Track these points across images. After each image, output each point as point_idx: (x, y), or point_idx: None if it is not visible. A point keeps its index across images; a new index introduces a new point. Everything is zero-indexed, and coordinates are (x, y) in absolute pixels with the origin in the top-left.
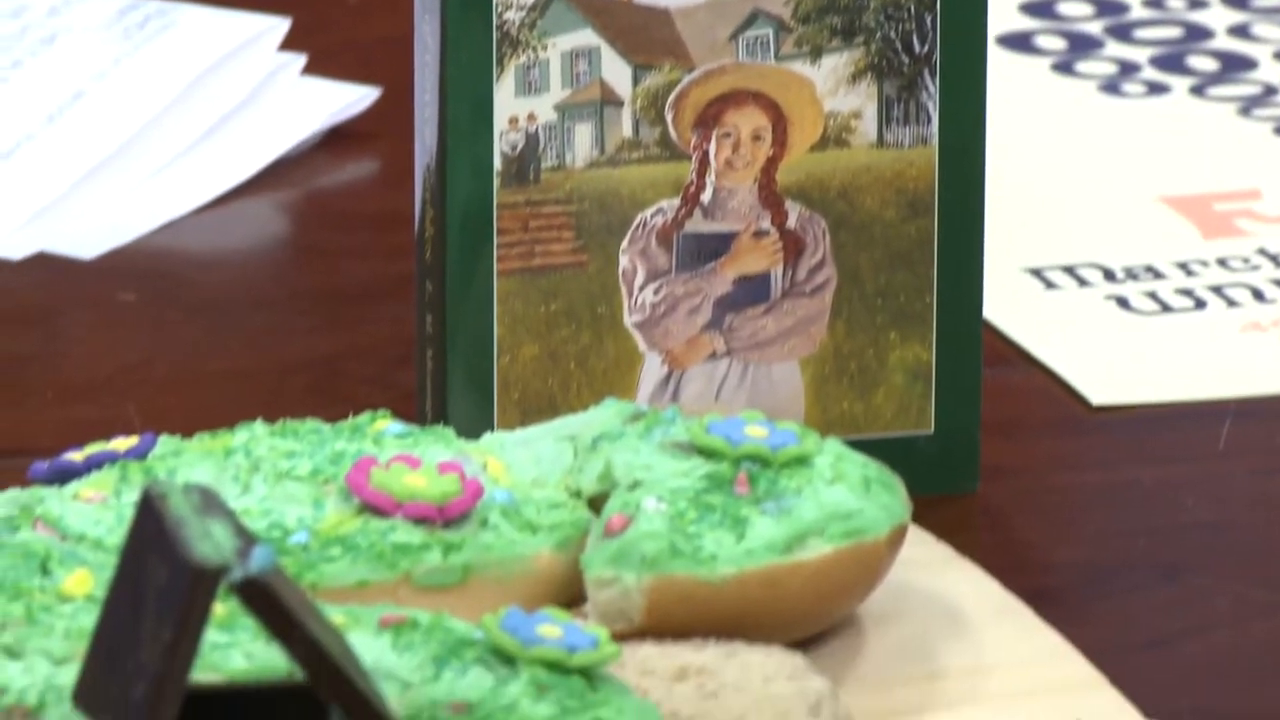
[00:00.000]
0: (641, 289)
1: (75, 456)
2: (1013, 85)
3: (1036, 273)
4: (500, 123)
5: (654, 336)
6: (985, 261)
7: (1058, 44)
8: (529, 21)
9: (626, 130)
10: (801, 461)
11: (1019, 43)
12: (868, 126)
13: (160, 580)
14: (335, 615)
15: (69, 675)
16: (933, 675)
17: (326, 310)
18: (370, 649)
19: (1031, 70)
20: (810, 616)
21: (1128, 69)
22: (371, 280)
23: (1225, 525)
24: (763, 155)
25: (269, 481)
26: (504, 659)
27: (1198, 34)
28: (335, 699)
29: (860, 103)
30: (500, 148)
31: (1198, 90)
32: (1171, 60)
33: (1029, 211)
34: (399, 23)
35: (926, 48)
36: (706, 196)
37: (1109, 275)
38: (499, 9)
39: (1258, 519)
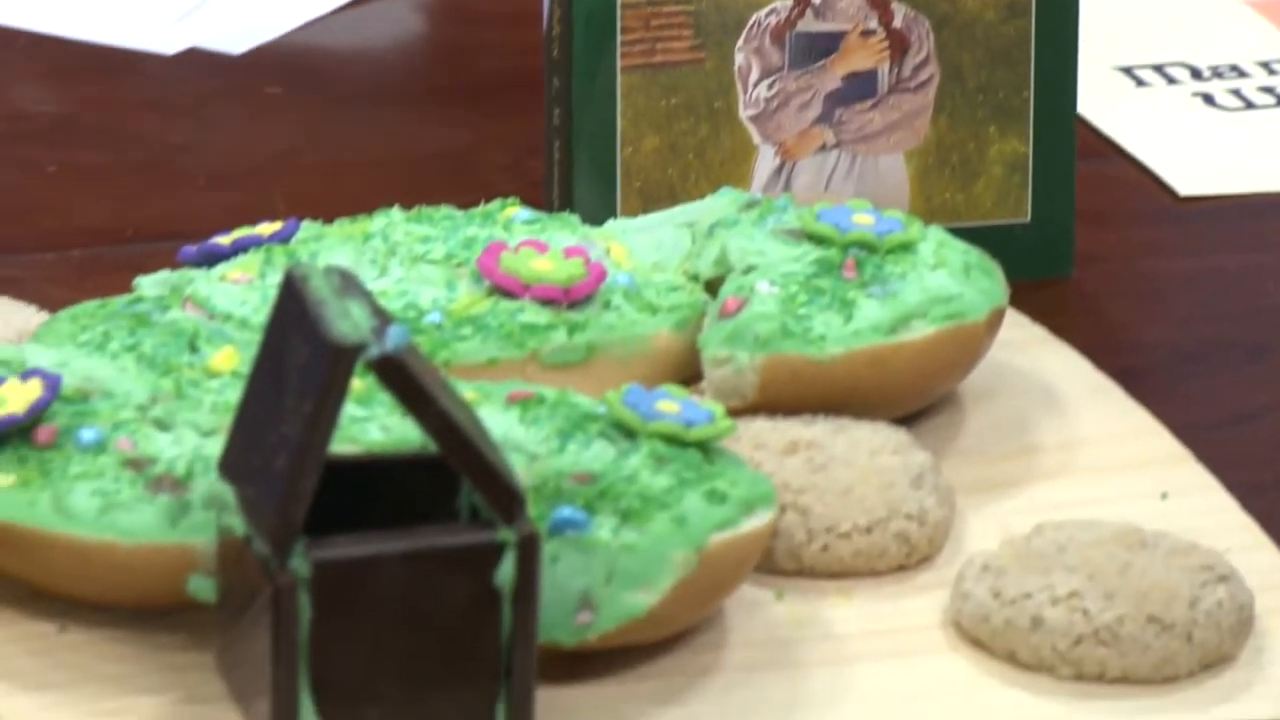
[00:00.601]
0: (756, 85)
1: (223, 240)
2: None
3: (1127, 71)
4: None
5: (768, 129)
6: (1079, 60)
7: None
8: None
9: None
10: (906, 248)
11: None
12: None
13: (301, 357)
14: (466, 391)
15: (215, 447)
16: (1028, 450)
17: (461, 104)
18: (499, 423)
19: None
20: (913, 394)
21: None
22: (503, 75)
23: None
24: None
25: (405, 265)
26: (625, 433)
27: None
28: (466, 470)
29: None
30: None
31: None
32: None
33: (1120, 13)
34: None
35: None
36: None
37: (1195, 73)
38: None
39: None
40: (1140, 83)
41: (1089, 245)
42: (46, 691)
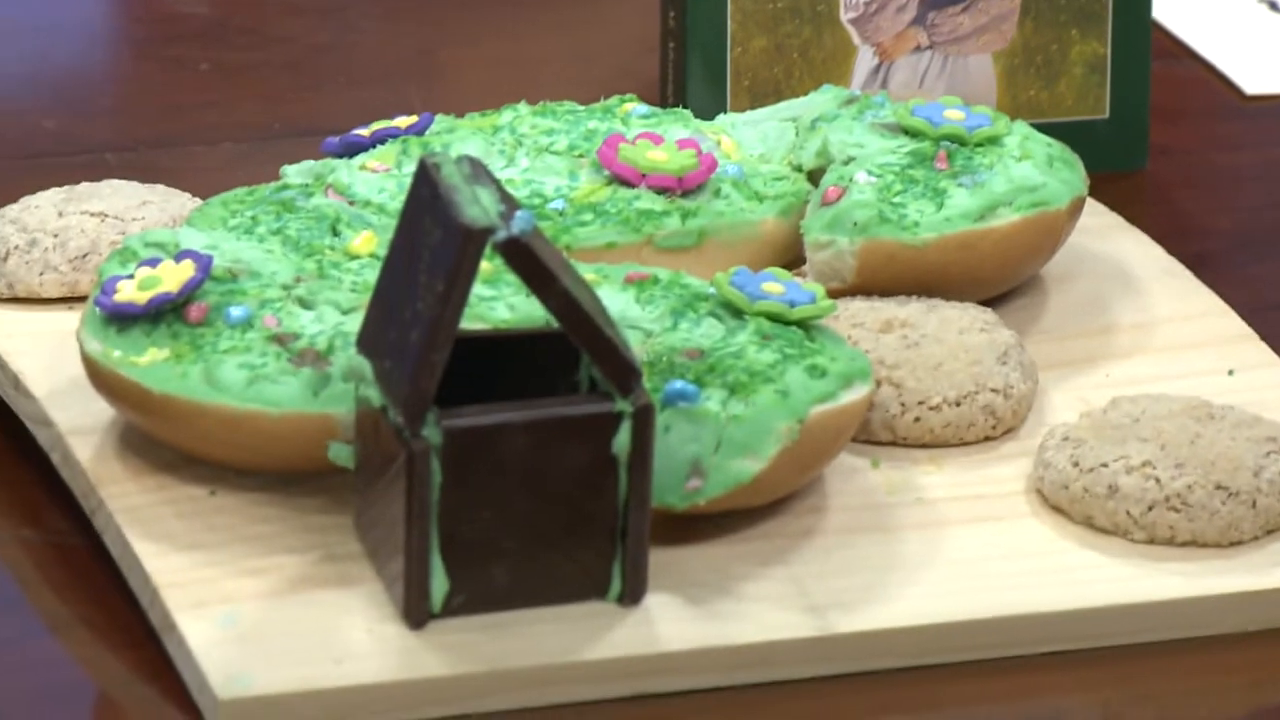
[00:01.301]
0: None
1: (362, 132)
2: None
3: None
4: None
5: (866, 31)
6: None
7: None
8: None
9: None
10: (993, 141)
11: None
12: None
13: (434, 240)
14: (586, 272)
15: (354, 323)
16: (1105, 329)
17: (583, 6)
18: (616, 302)
19: None
20: (999, 277)
21: None
22: None
23: None
24: None
25: (530, 155)
26: (733, 312)
27: None
28: (586, 345)
29: None
30: None
31: None
32: None
33: None
34: None
35: None
36: None
37: None
38: None
39: None
40: None
41: (1162, 139)
42: (196, 551)
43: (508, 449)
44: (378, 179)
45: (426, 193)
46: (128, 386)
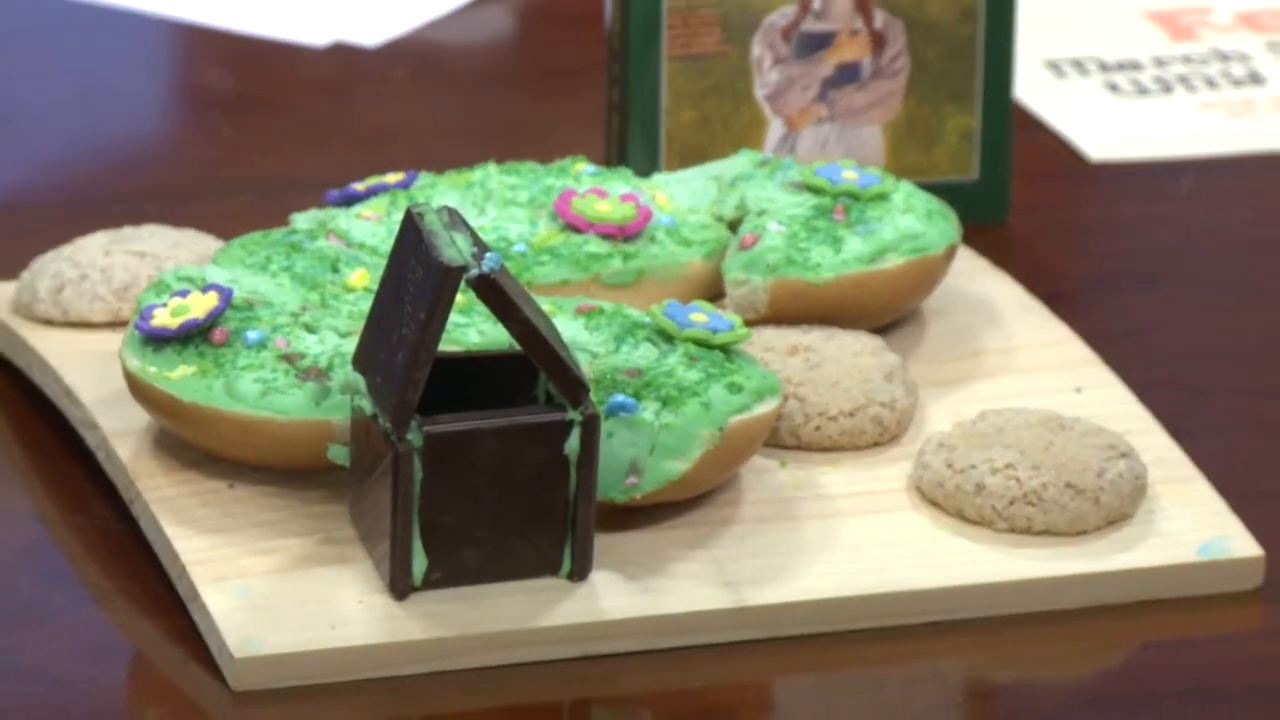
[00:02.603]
0: (768, 71)
1: (358, 186)
2: None
3: (1051, 64)
4: None
5: (777, 106)
6: (1015, 55)
7: None
8: None
9: None
10: (882, 197)
11: None
12: None
13: (417, 276)
14: (544, 304)
15: (350, 345)
16: (974, 354)
17: (542, 84)
18: (569, 329)
19: None
20: (887, 310)
21: None
22: (574, 63)
23: (1188, 248)
24: None
25: (498, 206)
26: (665, 337)
27: None
28: (543, 365)
29: None
30: None
31: None
32: None
33: (1046, 19)
34: None
35: None
36: (817, 4)
37: (1103, 66)
38: None
39: (1212, 245)
40: (1061, 73)
41: (1021, 198)
42: (218, 534)
43: (478, 451)
44: (371, 226)
45: (411, 237)
46: (161, 397)
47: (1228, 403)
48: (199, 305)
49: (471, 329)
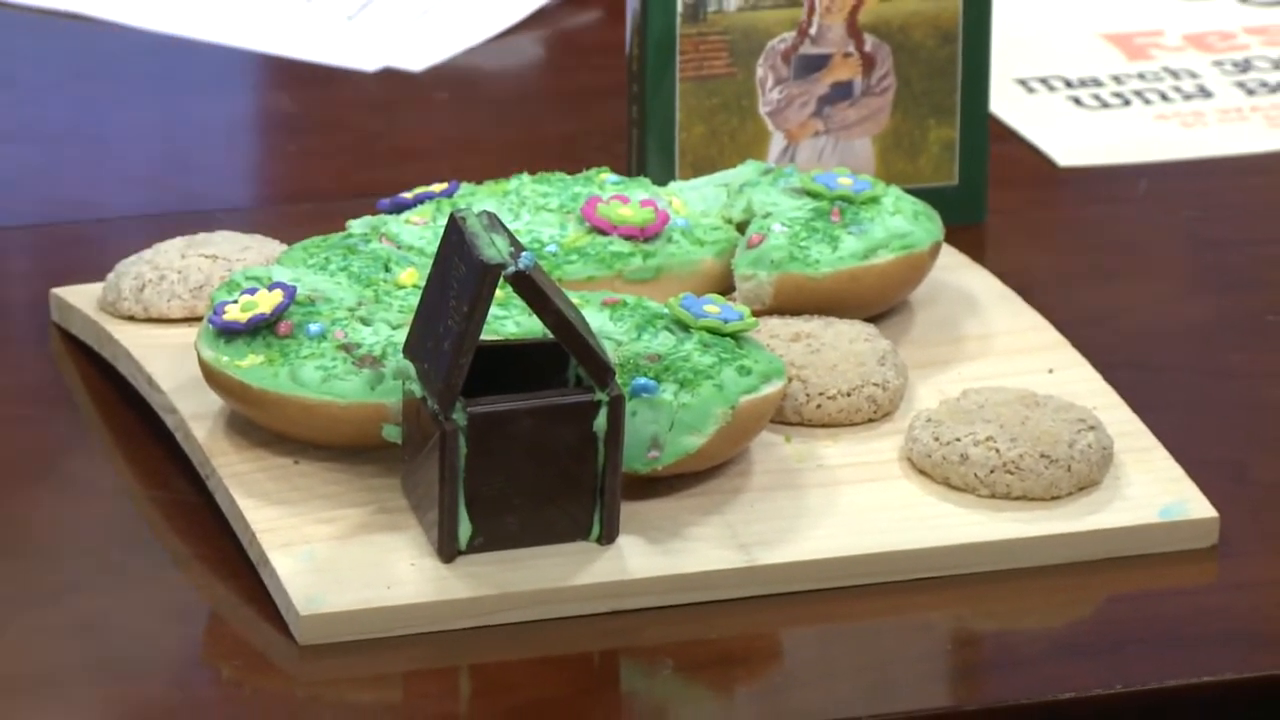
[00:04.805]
0: (770, 90)
1: (407, 195)
2: None
3: (1022, 82)
4: None
5: (778, 121)
6: (990, 74)
7: None
8: None
9: None
10: (874, 201)
11: None
12: None
13: (461, 273)
14: (573, 298)
15: (401, 336)
16: (957, 339)
17: (570, 104)
18: (595, 319)
19: None
20: (879, 301)
21: None
22: (598, 85)
23: (1144, 244)
24: (850, 3)
25: (531, 212)
26: (682, 327)
27: None
28: (574, 351)
29: None
30: None
31: None
32: None
33: (1019, 41)
34: None
35: None
36: (813, 30)
37: (1068, 83)
38: None
39: (1166, 240)
40: (1030, 89)
41: (997, 201)
42: (284, 505)
43: (516, 428)
44: (418, 229)
45: (455, 238)
46: (232, 383)
47: (1183, 380)
48: (266, 302)
49: (509, 320)
